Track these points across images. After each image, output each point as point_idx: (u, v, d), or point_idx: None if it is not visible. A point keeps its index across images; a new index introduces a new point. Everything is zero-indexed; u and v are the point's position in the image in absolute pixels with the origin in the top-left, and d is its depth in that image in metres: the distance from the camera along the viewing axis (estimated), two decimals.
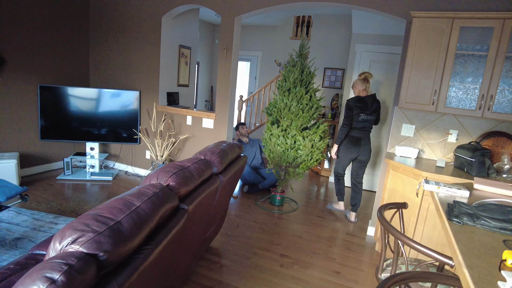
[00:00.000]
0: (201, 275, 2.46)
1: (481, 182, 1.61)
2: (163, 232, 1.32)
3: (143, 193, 1.34)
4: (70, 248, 0.99)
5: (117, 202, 1.22)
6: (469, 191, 1.51)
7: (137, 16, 4.34)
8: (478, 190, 1.58)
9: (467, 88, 2.73)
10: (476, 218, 1.11)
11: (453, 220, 1.13)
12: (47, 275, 0.84)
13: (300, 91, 3.53)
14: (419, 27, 2.76)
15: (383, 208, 1.42)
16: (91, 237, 1.01)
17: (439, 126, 3.09)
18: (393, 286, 0.86)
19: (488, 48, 2.56)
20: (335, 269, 2.73)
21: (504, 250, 0.87)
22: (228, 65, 3.89)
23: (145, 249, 1.19)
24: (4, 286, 1.52)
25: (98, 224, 1.07)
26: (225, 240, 3.02)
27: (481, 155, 2.52)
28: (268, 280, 2.48)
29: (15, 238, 2.71)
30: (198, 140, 4.28)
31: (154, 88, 4.43)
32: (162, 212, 1.34)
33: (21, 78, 3.97)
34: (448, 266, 1.03)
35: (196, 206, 1.72)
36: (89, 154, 4.48)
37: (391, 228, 1.20)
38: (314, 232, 3.38)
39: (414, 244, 1.11)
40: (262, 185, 4.43)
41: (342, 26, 6.02)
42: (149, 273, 1.24)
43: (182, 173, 1.70)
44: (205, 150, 2.25)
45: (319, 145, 3.63)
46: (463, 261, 0.82)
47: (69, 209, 3.38)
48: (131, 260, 1.12)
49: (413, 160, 2.97)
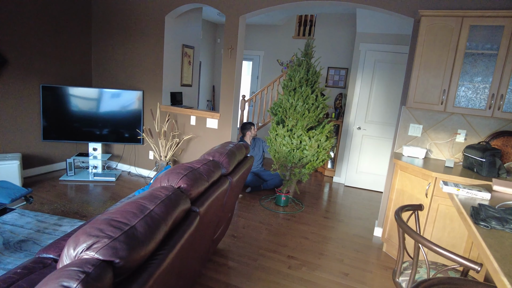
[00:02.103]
0: (209, 278, 2.43)
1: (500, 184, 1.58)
2: (177, 236, 1.28)
3: (155, 196, 1.31)
4: (85, 255, 0.96)
5: (130, 206, 1.19)
6: (490, 193, 1.48)
7: (140, 15, 4.30)
8: (498, 192, 1.55)
9: (477, 88, 2.70)
10: (505, 222, 1.08)
11: (480, 224, 1.10)
12: (64, 283, 0.81)
13: (306, 91, 3.49)
14: (428, 26, 2.73)
15: (400, 210, 1.39)
16: (106, 243, 0.98)
17: (447, 126, 3.06)
18: None
19: (499, 47, 2.53)
20: (343, 270, 2.70)
21: None
22: (232, 64, 3.85)
23: (160, 254, 1.16)
24: None
25: (113, 229, 1.04)
26: (231, 242, 2.99)
27: (492, 155, 2.49)
28: (276, 282, 2.45)
29: (20, 241, 2.67)
30: (202, 141, 4.25)
31: (158, 88, 4.39)
32: (175, 216, 1.31)
33: (23, 78, 3.93)
34: (473, 271, 1.00)
35: (207, 208, 1.68)
36: (92, 155, 4.44)
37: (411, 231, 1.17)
38: (321, 233, 3.35)
39: (437, 249, 1.08)
40: (264, 186, 4.41)
41: (346, 25, 5.99)
42: (164, 278, 1.20)
43: (193, 174, 1.67)
44: (213, 151, 2.22)
45: (325, 145, 3.60)
46: (500, 269, 0.79)
47: (73, 210, 3.34)
48: (146, 266, 1.09)
49: (421, 160, 2.94)
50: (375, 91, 4.70)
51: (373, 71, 4.66)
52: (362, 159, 4.90)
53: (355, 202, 4.38)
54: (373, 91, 4.71)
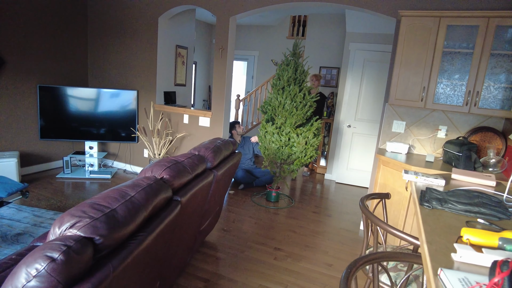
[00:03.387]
0: (197, 268, 2.54)
1: (458, 172, 1.69)
2: (157, 221, 1.39)
3: (137, 184, 1.42)
4: (68, 232, 1.07)
5: (112, 192, 1.30)
6: (445, 180, 1.60)
7: (134, 17, 4.42)
8: (456, 180, 1.67)
9: (455, 85, 2.81)
10: (444, 202, 1.19)
11: (424, 204, 1.21)
12: (47, 254, 0.92)
13: (294, 89, 3.61)
14: (408, 26, 2.85)
15: (365, 198, 1.50)
16: (87, 222, 1.09)
17: (429, 122, 3.17)
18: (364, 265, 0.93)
19: (474, 45, 2.64)
20: (328, 261, 2.81)
21: (463, 228, 0.95)
22: (223, 64, 3.97)
23: (139, 235, 1.27)
24: (6, 274, 1.60)
25: (95, 211, 1.15)
26: (221, 235, 3.10)
27: (468, 150, 2.60)
28: (262, 272, 2.56)
29: (16, 234, 2.78)
30: (194, 138, 4.36)
31: (152, 87, 4.50)
32: (155, 202, 1.42)
33: (20, 78, 4.05)
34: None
35: (190, 198, 1.79)
36: (88, 153, 4.55)
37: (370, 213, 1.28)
38: (308, 227, 3.46)
39: (388, 227, 1.19)
40: (256, 182, 4.52)
41: (337, 25, 6.10)
42: (144, 259, 1.31)
43: (176, 167, 1.78)
44: (199, 146, 2.33)
45: (313, 142, 3.71)
46: (425, 238, 0.90)
47: (69, 206, 3.45)
48: (126, 245, 1.20)
49: (403, 156, 3.05)
50: (364, 89, 4.81)
51: (362, 70, 4.77)
52: (352, 156, 5.01)
53: (344, 198, 4.49)
54: (362, 90, 4.82)
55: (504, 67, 2.62)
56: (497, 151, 2.83)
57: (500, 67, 2.62)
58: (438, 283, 0.72)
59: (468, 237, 0.88)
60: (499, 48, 2.61)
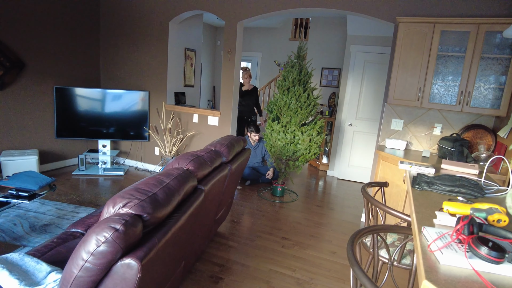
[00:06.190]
0: (212, 254, 2.77)
1: (446, 163, 1.92)
2: (187, 204, 1.62)
3: (170, 174, 1.65)
4: (121, 210, 1.30)
5: (151, 180, 1.53)
6: (435, 169, 1.82)
7: (145, 21, 4.65)
8: (444, 169, 1.89)
9: (448, 86, 3.04)
10: (431, 184, 1.42)
11: (415, 187, 1.44)
12: (111, 225, 1.15)
13: (299, 90, 3.83)
14: (405, 31, 3.07)
15: (366, 185, 1.73)
16: (137, 202, 1.32)
17: (425, 120, 3.39)
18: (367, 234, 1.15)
19: (466, 49, 2.87)
20: (332, 249, 3.03)
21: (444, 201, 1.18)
22: (231, 66, 4.19)
23: (175, 215, 1.50)
24: (52, 253, 1.83)
25: (140, 194, 1.38)
26: (231, 226, 3.33)
27: (460, 145, 2.83)
28: (272, 258, 2.79)
29: (44, 225, 3.01)
30: (204, 137, 4.59)
31: (162, 88, 4.73)
32: (186, 189, 1.65)
33: (39, 80, 4.28)
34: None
35: (210, 188, 2.02)
36: (101, 151, 4.78)
37: (370, 197, 1.50)
38: (313, 219, 3.69)
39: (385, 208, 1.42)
40: (262, 179, 4.74)
41: (338, 28, 6.33)
42: (177, 236, 1.54)
43: (198, 160, 2.01)
44: (214, 142, 2.56)
45: (316, 139, 3.94)
46: (414, 210, 1.12)
47: (87, 200, 3.69)
48: (165, 223, 1.43)
49: (401, 152, 3.28)
50: (364, 90, 5.04)
51: (362, 71, 5.00)
52: (353, 153, 5.24)
53: (346, 193, 4.72)
54: (363, 90, 5.05)
55: (493, 69, 2.84)
56: (488, 146, 3.05)
57: (490, 69, 2.85)
58: (421, 237, 0.95)
59: (448, 208, 1.10)
60: (488, 52, 2.84)
